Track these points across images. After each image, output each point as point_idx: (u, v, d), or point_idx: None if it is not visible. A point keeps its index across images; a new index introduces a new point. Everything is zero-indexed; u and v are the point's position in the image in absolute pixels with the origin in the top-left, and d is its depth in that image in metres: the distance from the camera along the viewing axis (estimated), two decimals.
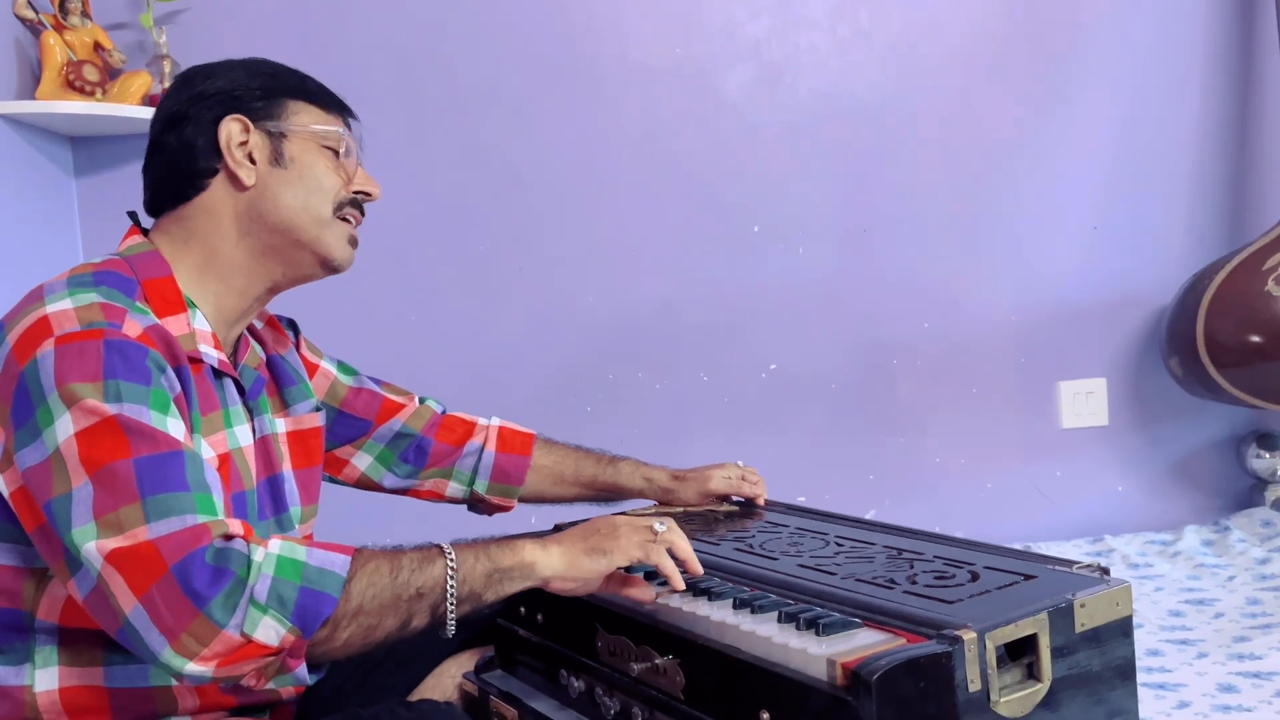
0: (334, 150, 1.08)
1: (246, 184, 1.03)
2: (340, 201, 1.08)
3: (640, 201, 2.27)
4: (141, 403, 0.87)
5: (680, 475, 1.43)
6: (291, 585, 0.82)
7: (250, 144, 1.04)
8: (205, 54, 1.12)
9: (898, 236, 2.32)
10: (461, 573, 0.91)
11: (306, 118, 1.07)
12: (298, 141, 1.06)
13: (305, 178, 1.05)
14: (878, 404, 2.33)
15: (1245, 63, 2.37)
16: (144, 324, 0.91)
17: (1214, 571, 2.04)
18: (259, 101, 1.05)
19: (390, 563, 0.89)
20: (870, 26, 2.31)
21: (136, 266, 1.00)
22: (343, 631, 0.85)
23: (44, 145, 2.05)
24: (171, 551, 0.80)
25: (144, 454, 0.84)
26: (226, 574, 0.80)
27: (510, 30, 2.22)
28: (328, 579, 0.84)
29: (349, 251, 1.10)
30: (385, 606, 0.87)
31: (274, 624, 0.81)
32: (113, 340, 0.88)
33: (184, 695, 0.98)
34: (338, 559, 0.86)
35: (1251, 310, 2.13)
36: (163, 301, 0.98)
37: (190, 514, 0.83)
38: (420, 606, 0.89)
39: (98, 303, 0.91)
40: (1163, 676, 1.55)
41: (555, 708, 1.11)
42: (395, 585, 0.88)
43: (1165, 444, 2.40)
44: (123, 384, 0.86)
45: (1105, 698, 0.91)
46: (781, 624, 0.89)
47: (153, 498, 0.82)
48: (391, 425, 1.32)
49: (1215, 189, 2.38)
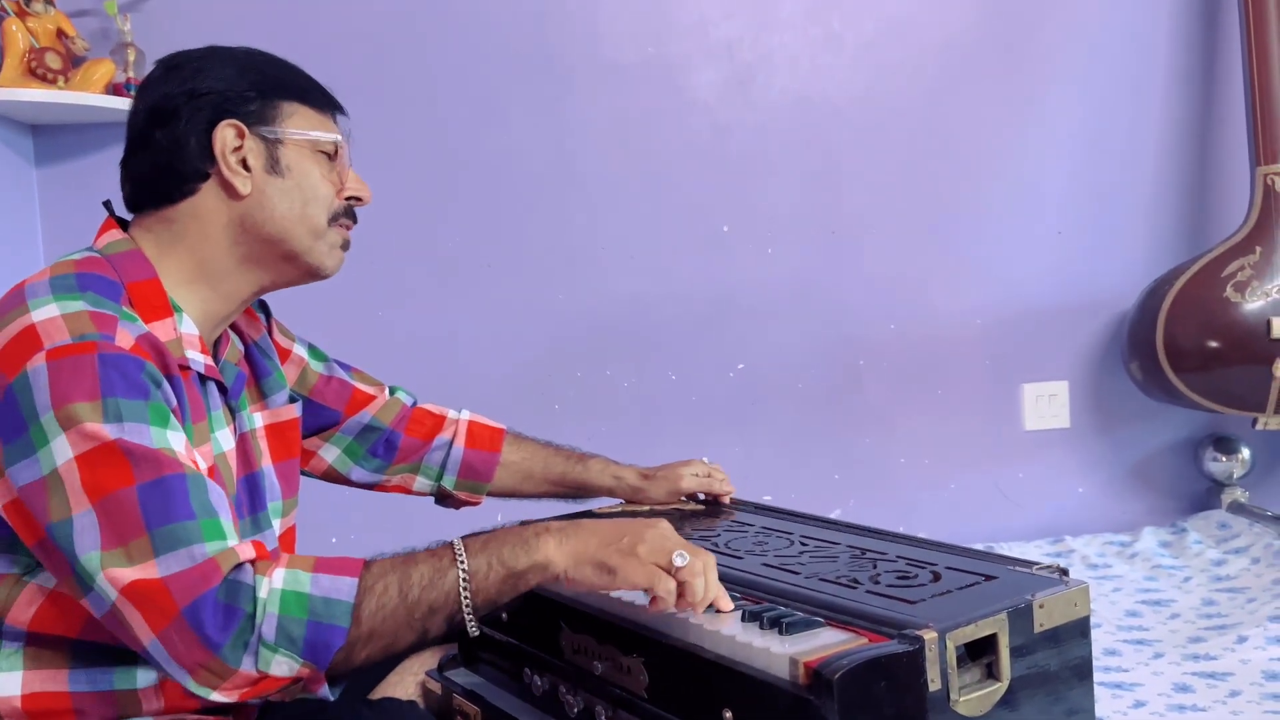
0: (327, 154, 1.05)
1: (242, 193, 1.00)
2: (335, 212, 1.05)
3: (610, 200, 2.27)
4: (142, 420, 0.85)
5: (649, 474, 1.42)
6: (298, 622, 0.82)
7: (245, 150, 1.00)
8: (169, 42, 1.10)
9: (866, 238, 2.33)
10: (475, 583, 0.88)
11: (301, 121, 1.04)
12: (293, 148, 1.02)
13: (301, 187, 1.02)
14: (844, 404, 2.35)
15: (1207, 73, 2.40)
16: (135, 334, 0.89)
17: (1171, 573, 2.08)
18: (254, 104, 1.01)
19: (400, 580, 0.86)
20: (842, 29, 2.32)
21: (120, 267, 0.97)
22: (359, 654, 0.85)
23: (4, 133, 2.01)
24: (182, 593, 0.80)
25: (147, 480, 0.83)
26: (236, 614, 0.80)
27: (482, 25, 2.21)
28: (335, 609, 0.83)
29: (339, 259, 1.08)
30: (399, 626, 0.86)
31: (286, 660, 0.81)
32: (107, 355, 0.86)
33: (149, 698, 0.96)
34: (344, 585, 0.84)
35: (1210, 316, 2.17)
36: (149, 306, 0.95)
37: (198, 544, 0.82)
38: (435, 621, 0.88)
39: (86, 311, 0.88)
40: (1120, 676, 1.57)
41: (518, 706, 1.11)
42: (407, 604, 0.86)
43: (1125, 447, 2.44)
44: (122, 402, 0.84)
45: (1063, 697, 0.93)
46: (745, 623, 0.89)
47: (160, 529, 0.81)
48: (361, 418, 1.31)
49: (1177, 196, 2.42)
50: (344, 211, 1.07)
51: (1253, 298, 2.16)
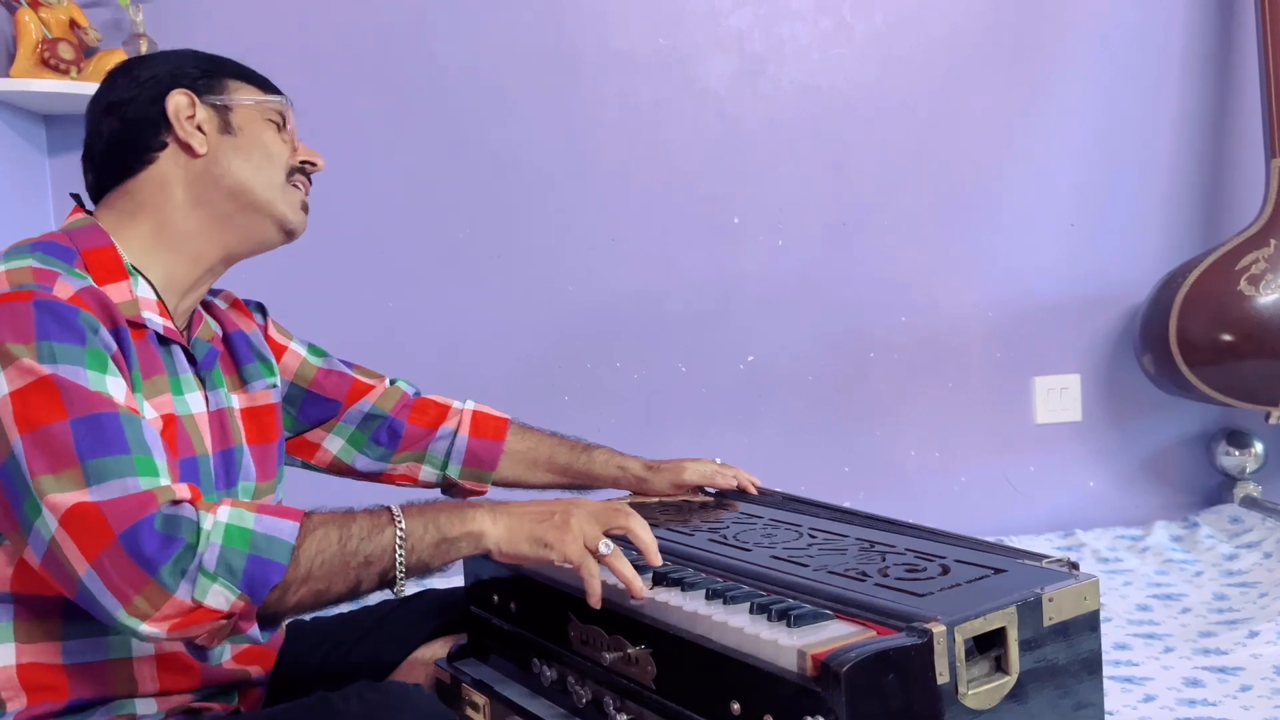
0: (275, 123, 1.11)
1: (199, 151, 1.05)
2: (290, 168, 1.11)
3: (620, 191, 2.27)
4: (77, 363, 0.87)
5: (654, 466, 1.43)
6: (240, 554, 0.83)
7: (198, 117, 1.06)
8: (182, 32, 1.12)
9: (876, 230, 2.33)
10: (410, 542, 0.92)
11: (247, 94, 1.10)
12: (242, 112, 1.09)
13: (255, 145, 1.08)
14: (854, 396, 2.34)
15: (1222, 64, 2.39)
16: (76, 286, 0.91)
17: (1182, 567, 2.07)
18: (200, 79, 1.07)
19: (340, 529, 0.90)
20: (852, 19, 2.31)
21: (75, 238, 1.00)
22: (292, 596, 0.87)
23: (18, 123, 2.02)
24: (118, 519, 0.81)
25: (80, 415, 0.84)
26: (176, 541, 0.82)
27: (491, 16, 2.21)
28: (275, 546, 0.85)
29: (302, 216, 1.13)
30: (334, 573, 0.89)
31: (223, 591, 0.83)
32: (42, 300, 0.88)
33: (144, 676, 0.97)
34: (286, 525, 0.87)
35: (1223, 309, 2.16)
36: (102, 270, 0.99)
37: (131, 477, 0.84)
38: (369, 573, 0.91)
39: (30, 266, 0.91)
40: (1129, 670, 1.57)
41: (527, 696, 1.11)
42: (344, 553, 0.89)
43: (1137, 440, 2.43)
44: (56, 345, 0.87)
45: (1072, 690, 0.92)
46: (753, 615, 0.89)
47: (93, 461, 0.83)
48: (361, 406, 1.32)
49: (1190, 188, 2.40)
50: (299, 170, 1.13)
51: (1267, 291, 2.15)
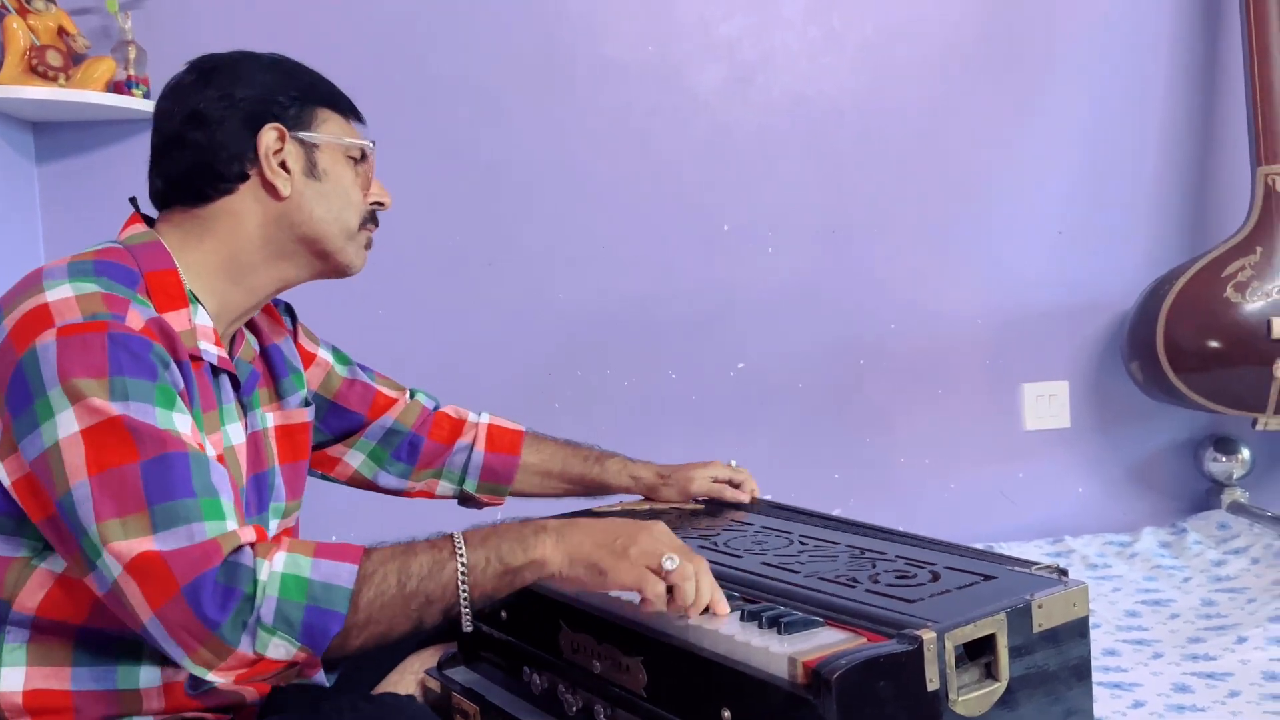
0: (355, 159, 1.09)
1: (283, 194, 1.03)
2: (364, 216, 1.10)
3: (611, 198, 2.27)
4: (148, 400, 0.86)
5: (665, 474, 1.44)
6: (297, 605, 0.82)
7: (285, 153, 1.03)
8: (171, 40, 1.11)
9: (867, 237, 2.33)
10: (473, 577, 0.89)
11: (335, 127, 1.08)
12: (328, 152, 1.07)
13: (337, 190, 1.07)
14: (845, 403, 2.35)
15: (1208, 74, 2.40)
16: (146, 316, 0.90)
17: (1170, 573, 2.08)
18: (292, 109, 1.04)
19: (400, 569, 0.87)
20: (842, 29, 2.32)
21: (139, 257, 0.98)
22: (354, 641, 0.86)
23: (5, 131, 2.01)
24: (183, 571, 0.80)
25: (150, 456, 0.83)
26: (235, 594, 0.81)
27: (483, 23, 2.21)
28: (334, 594, 0.84)
29: (365, 260, 1.12)
30: (395, 615, 0.87)
31: (283, 644, 0.82)
32: (117, 334, 0.87)
33: (150, 697, 0.97)
34: (344, 571, 0.85)
35: (1210, 316, 2.17)
36: (164, 295, 0.97)
37: (198, 522, 0.82)
38: (431, 612, 0.89)
39: (99, 293, 0.89)
40: (1119, 676, 1.57)
41: (518, 704, 1.11)
42: (404, 594, 0.87)
43: (1125, 447, 2.44)
44: (129, 381, 0.85)
45: (1061, 697, 0.93)
46: (744, 622, 0.89)
47: (160, 506, 0.82)
48: (383, 422, 1.32)
49: (1178, 196, 2.42)
50: (370, 216, 1.12)
51: (1253, 298, 2.16)
